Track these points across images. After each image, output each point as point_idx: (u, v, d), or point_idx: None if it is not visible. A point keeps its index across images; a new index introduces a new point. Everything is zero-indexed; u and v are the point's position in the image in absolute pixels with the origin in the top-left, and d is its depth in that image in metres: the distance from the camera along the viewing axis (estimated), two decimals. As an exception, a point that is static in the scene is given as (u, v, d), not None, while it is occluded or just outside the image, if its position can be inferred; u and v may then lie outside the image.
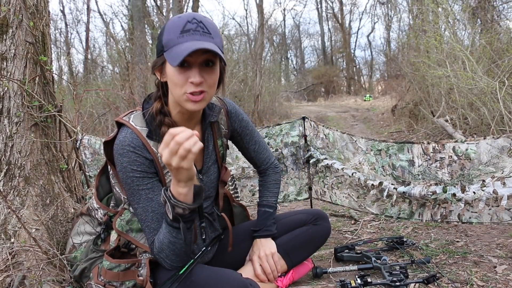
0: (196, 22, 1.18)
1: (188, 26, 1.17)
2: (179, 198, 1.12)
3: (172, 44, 1.17)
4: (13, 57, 1.69)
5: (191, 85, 1.19)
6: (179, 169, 1.06)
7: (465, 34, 5.95)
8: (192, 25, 1.18)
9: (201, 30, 1.18)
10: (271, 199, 1.63)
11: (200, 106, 1.22)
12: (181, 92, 1.20)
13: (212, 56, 1.20)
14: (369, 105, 15.28)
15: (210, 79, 1.21)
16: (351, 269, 1.72)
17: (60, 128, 1.90)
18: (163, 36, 1.20)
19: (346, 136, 2.31)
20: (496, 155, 1.80)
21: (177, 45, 1.16)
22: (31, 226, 1.60)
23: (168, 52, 1.18)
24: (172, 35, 1.18)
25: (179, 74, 1.18)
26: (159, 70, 1.27)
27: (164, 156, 1.04)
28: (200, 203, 1.18)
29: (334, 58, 30.77)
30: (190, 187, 1.13)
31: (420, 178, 1.99)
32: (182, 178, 1.09)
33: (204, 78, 1.19)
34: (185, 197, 1.13)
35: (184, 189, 1.11)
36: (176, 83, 1.20)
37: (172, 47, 1.17)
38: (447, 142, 1.95)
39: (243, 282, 1.26)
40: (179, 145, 1.02)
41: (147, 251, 1.32)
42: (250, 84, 9.73)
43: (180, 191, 1.12)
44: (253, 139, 1.60)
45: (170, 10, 14.17)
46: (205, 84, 1.20)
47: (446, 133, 5.58)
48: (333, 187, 2.32)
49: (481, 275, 1.63)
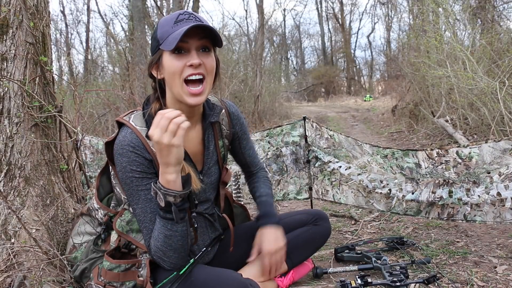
0: (187, 13, 1.22)
1: (180, 17, 1.21)
2: (169, 186, 1.15)
3: (166, 35, 1.20)
4: (13, 57, 1.69)
5: (189, 68, 1.20)
6: (170, 148, 1.10)
7: (465, 34, 5.95)
8: (185, 15, 1.22)
9: (194, 19, 1.22)
10: (269, 190, 1.63)
11: (200, 99, 1.24)
12: (180, 80, 1.21)
13: (208, 43, 1.23)
14: (369, 106, 15.28)
15: (208, 64, 1.23)
16: (352, 269, 1.72)
17: (60, 128, 1.90)
18: (157, 32, 1.23)
19: (351, 139, 2.34)
20: (499, 156, 1.84)
21: (172, 33, 1.19)
22: (32, 226, 1.60)
23: (163, 43, 1.20)
24: (165, 28, 1.21)
25: (176, 61, 1.20)
26: (156, 68, 1.27)
27: (155, 134, 1.10)
28: (189, 189, 1.21)
29: (334, 59, 30.79)
30: (178, 173, 1.16)
31: (428, 177, 2.03)
32: (171, 161, 1.12)
33: (202, 61, 1.21)
34: (174, 184, 1.16)
35: (172, 175, 1.15)
36: (174, 71, 1.21)
37: (167, 37, 1.20)
38: (449, 147, 2.00)
39: (243, 283, 1.26)
40: (169, 120, 1.09)
41: (147, 251, 1.32)
42: (250, 85, 9.73)
43: (169, 178, 1.15)
44: (249, 144, 1.62)
45: (170, 10, 14.17)
46: (204, 68, 1.22)
47: (446, 133, 5.58)
48: (341, 184, 2.33)
49: (482, 276, 1.63)
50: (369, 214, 2.70)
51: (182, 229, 1.21)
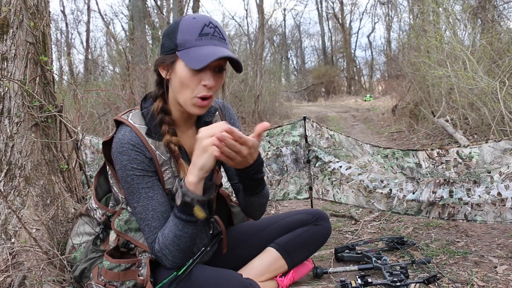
0: (213, 27, 1.20)
1: (206, 30, 1.19)
2: (189, 187, 1.16)
3: (189, 45, 1.18)
4: (13, 57, 1.69)
5: (203, 88, 1.21)
6: (204, 151, 1.12)
7: (465, 34, 5.95)
8: (210, 29, 1.19)
9: (218, 36, 1.21)
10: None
11: (204, 111, 1.27)
12: (191, 95, 1.21)
13: (224, 63, 1.24)
14: (369, 105, 15.29)
15: (218, 85, 1.25)
16: (352, 269, 1.72)
17: (61, 128, 1.90)
18: (177, 35, 1.19)
19: (351, 139, 2.35)
20: (499, 156, 1.84)
21: (196, 47, 1.17)
22: (32, 226, 1.60)
23: (184, 52, 1.18)
24: (188, 36, 1.18)
25: (192, 76, 1.19)
26: (166, 68, 1.25)
27: (203, 132, 1.12)
28: (209, 197, 1.22)
29: (335, 58, 30.80)
30: (200, 179, 1.17)
31: (429, 176, 2.04)
32: (198, 162, 1.14)
33: (216, 81, 1.22)
34: (194, 187, 1.17)
35: (194, 177, 1.16)
36: (187, 84, 1.20)
37: (189, 48, 1.18)
38: (450, 147, 2.01)
39: (243, 283, 1.26)
40: (223, 131, 1.09)
41: (146, 250, 1.32)
42: (251, 84, 9.73)
43: (190, 178, 1.16)
44: None
45: (170, 10, 14.18)
46: (214, 88, 1.23)
47: (446, 133, 5.58)
48: (342, 183, 2.33)
49: (482, 276, 1.63)
50: (369, 214, 2.70)
51: (193, 231, 1.22)
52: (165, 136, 1.28)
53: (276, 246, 1.57)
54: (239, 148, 1.12)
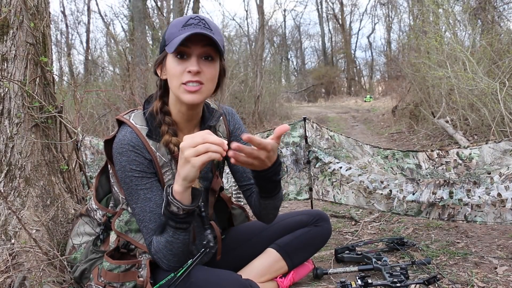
0: (198, 19, 1.22)
1: (190, 21, 1.21)
2: (175, 196, 1.14)
3: (173, 37, 1.20)
4: (13, 58, 1.69)
5: (188, 74, 1.20)
6: (186, 162, 1.07)
7: (465, 35, 5.95)
8: (194, 20, 1.21)
9: (202, 25, 1.21)
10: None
11: (196, 98, 1.22)
12: (178, 83, 1.21)
13: (211, 51, 1.22)
14: (369, 106, 15.29)
15: (208, 73, 1.22)
16: (352, 270, 1.72)
17: (61, 129, 1.90)
18: (166, 32, 1.24)
19: (351, 140, 2.34)
20: (499, 157, 1.84)
21: (177, 36, 1.19)
22: (32, 227, 1.60)
23: (168, 44, 1.21)
24: (174, 29, 1.21)
25: (177, 65, 1.21)
26: (160, 67, 1.28)
27: (185, 141, 1.06)
28: (195, 205, 1.18)
29: (335, 59, 30.82)
30: (185, 188, 1.13)
31: (429, 177, 2.04)
32: (182, 172, 1.09)
33: (202, 69, 1.21)
34: (181, 196, 1.13)
35: (180, 186, 1.12)
36: (173, 73, 1.21)
37: (172, 40, 1.20)
38: (450, 148, 2.01)
39: (243, 284, 1.25)
40: (204, 141, 1.04)
41: (146, 251, 1.32)
42: (251, 85, 9.74)
43: (176, 187, 1.13)
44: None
45: (170, 11, 14.18)
46: (203, 75, 1.21)
47: (446, 134, 5.58)
48: (342, 184, 2.33)
49: (482, 276, 1.63)
50: (369, 215, 2.70)
51: (184, 237, 1.21)
52: (164, 136, 1.28)
53: (277, 247, 1.57)
54: (257, 154, 1.10)
